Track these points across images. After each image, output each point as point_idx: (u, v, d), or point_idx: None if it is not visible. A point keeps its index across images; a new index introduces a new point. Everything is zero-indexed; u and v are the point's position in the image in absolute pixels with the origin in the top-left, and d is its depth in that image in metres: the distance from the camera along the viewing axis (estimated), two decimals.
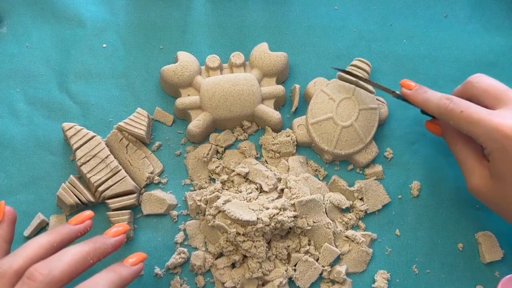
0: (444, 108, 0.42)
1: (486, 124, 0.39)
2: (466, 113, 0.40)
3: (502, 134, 0.38)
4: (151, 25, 0.55)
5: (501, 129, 0.38)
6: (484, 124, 0.39)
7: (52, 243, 0.37)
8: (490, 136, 0.39)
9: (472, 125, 0.40)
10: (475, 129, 0.40)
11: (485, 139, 0.39)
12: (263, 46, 0.52)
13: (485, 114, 0.39)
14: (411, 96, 0.46)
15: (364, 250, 0.47)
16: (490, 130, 0.39)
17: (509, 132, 0.38)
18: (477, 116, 0.40)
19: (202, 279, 0.46)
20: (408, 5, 0.57)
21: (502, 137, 0.38)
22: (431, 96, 0.44)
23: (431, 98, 0.44)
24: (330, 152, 0.49)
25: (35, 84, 0.52)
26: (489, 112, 0.40)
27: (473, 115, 0.40)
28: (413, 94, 0.45)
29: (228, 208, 0.44)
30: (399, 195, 0.50)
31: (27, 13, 0.54)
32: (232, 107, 0.49)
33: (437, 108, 0.43)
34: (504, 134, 0.38)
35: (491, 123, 0.39)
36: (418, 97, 0.45)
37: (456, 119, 0.41)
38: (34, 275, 0.34)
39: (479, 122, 0.39)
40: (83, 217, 0.40)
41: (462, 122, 0.41)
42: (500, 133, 0.38)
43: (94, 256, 0.37)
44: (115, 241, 0.39)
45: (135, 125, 0.49)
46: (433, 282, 0.48)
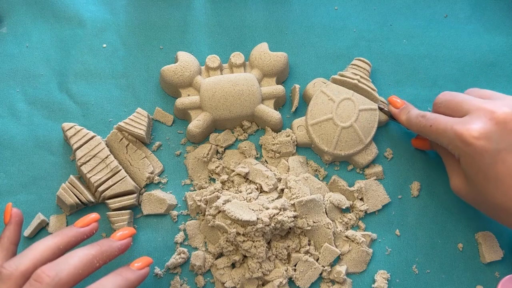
0: (419, 125, 0.45)
1: (449, 133, 0.41)
2: (434, 126, 0.43)
3: (463, 140, 0.40)
4: (151, 25, 0.55)
5: (461, 136, 0.40)
6: (448, 133, 0.41)
7: (59, 246, 0.37)
8: (454, 143, 0.41)
9: (440, 135, 0.42)
10: (442, 139, 0.42)
11: (452, 147, 0.42)
12: (263, 46, 0.52)
13: (449, 123, 0.42)
14: (397, 115, 0.49)
15: (364, 250, 0.47)
16: (453, 138, 0.41)
17: (468, 138, 0.40)
18: (442, 127, 0.42)
19: (202, 279, 0.46)
20: (408, 5, 0.57)
21: (462, 143, 0.40)
22: (411, 115, 0.47)
23: (411, 117, 0.47)
24: (330, 153, 0.49)
25: (35, 84, 0.52)
26: (453, 121, 0.42)
27: (439, 127, 0.42)
28: (399, 113, 0.49)
29: (228, 208, 0.44)
30: (399, 195, 0.50)
31: (27, 13, 0.54)
32: (232, 107, 0.49)
33: (415, 126, 0.46)
34: (464, 141, 0.40)
35: (453, 131, 0.41)
36: (402, 117, 0.48)
37: (428, 133, 0.44)
38: (41, 277, 0.34)
39: (444, 132, 0.42)
40: (89, 219, 0.40)
41: (433, 135, 0.43)
42: (461, 139, 0.40)
43: (101, 259, 0.37)
44: (121, 244, 0.39)
45: (135, 125, 0.49)
46: (433, 282, 0.48)
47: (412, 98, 0.53)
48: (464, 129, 0.40)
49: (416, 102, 0.53)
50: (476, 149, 0.40)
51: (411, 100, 0.53)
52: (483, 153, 0.39)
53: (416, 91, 0.54)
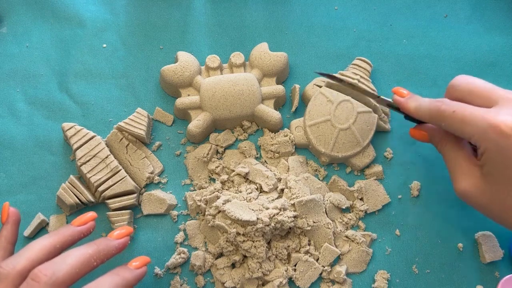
0: (436, 110, 0.41)
1: (480, 123, 0.37)
2: (459, 113, 0.39)
3: (497, 131, 0.36)
4: (151, 25, 0.55)
5: (496, 127, 0.36)
6: (478, 122, 0.38)
7: (55, 245, 0.37)
8: (484, 134, 0.37)
9: (465, 124, 0.38)
10: (468, 128, 0.38)
11: (479, 138, 0.38)
12: (263, 46, 0.52)
13: (479, 112, 0.38)
14: (404, 104, 0.45)
15: (364, 250, 0.47)
16: (484, 128, 0.37)
17: (505, 129, 0.36)
18: (470, 115, 0.38)
19: (202, 279, 0.46)
20: (408, 5, 0.57)
21: (497, 135, 0.36)
22: (422, 102, 0.43)
23: (423, 104, 0.43)
24: (327, 154, 0.49)
25: (35, 84, 0.52)
26: (482, 110, 0.38)
27: (466, 114, 0.38)
28: (406, 102, 0.44)
29: (228, 208, 0.44)
30: (399, 195, 0.50)
31: (27, 13, 0.54)
32: (232, 107, 0.49)
33: (428, 112, 0.42)
34: (499, 132, 0.36)
35: (485, 121, 0.37)
36: (411, 104, 0.44)
37: (449, 120, 0.40)
38: (39, 277, 0.34)
39: (472, 120, 0.38)
40: (86, 218, 0.40)
41: (455, 122, 0.39)
42: (495, 130, 0.36)
43: (98, 259, 0.37)
44: (119, 243, 0.39)
45: (135, 125, 0.49)
46: (433, 282, 0.48)
47: None
48: (500, 120, 0.36)
49: None
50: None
51: None
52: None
53: (416, 91, 0.53)
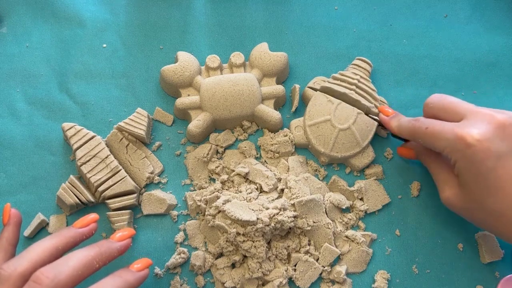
0: (412, 128, 0.44)
1: (448, 136, 0.40)
2: (430, 129, 0.42)
3: (464, 143, 0.39)
4: (151, 25, 0.55)
5: (463, 138, 0.39)
6: (446, 136, 0.40)
7: (57, 246, 0.37)
8: (453, 146, 0.40)
9: (436, 139, 0.41)
10: (439, 142, 0.41)
11: (449, 151, 0.41)
12: (263, 46, 0.52)
13: (447, 127, 0.41)
14: (387, 123, 0.48)
15: (364, 250, 0.47)
16: (452, 141, 0.40)
17: (470, 141, 0.39)
18: (441, 130, 0.41)
19: (202, 279, 0.46)
20: (408, 5, 0.57)
21: (463, 146, 0.39)
22: (402, 121, 0.46)
23: (403, 123, 0.46)
24: (327, 154, 0.49)
25: (35, 84, 0.52)
26: (451, 125, 0.41)
27: (436, 129, 0.41)
28: (389, 121, 0.47)
29: (228, 208, 0.44)
30: (399, 195, 0.50)
31: (27, 13, 0.54)
32: (232, 107, 0.49)
33: (407, 130, 0.45)
34: (466, 143, 0.39)
35: (453, 134, 0.40)
36: (393, 124, 0.47)
37: (423, 136, 0.43)
38: (41, 279, 0.34)
39: (442, 135, 0.41)
40: (88, 220, 0.40)
41: (428, 138, 0.42)
42: (462, 142, 0.39)
43: (100, 261, 0.37)
44: (121, 245, 0.39)
45: (135, 125, 0.49)
46: (433, 282, 0.48)
47: (412, 98, 0.53)
48: (465, 131, 0.39)
49: (416, 102, 0.53)
50: (477, 152, 0.39)
51: (411, 100, 0.53)
52: (484, 156, 0.39)
53: (416, 91, 0.54)
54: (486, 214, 0.41)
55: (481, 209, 0.41)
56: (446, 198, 0.44)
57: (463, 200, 0.42)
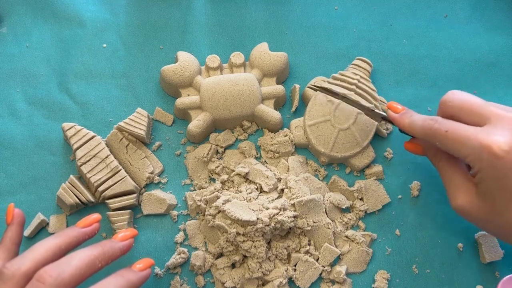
0: (429, 128, 0.41)
1: (473, 143, 0.37)
2: (452, 132, 0.39)
3: (490, 152, 0.36)
4: (151, 25, 0.55)
5: (489, 148, 0.36)
6: (471, 143, 0.37)
7: (60, 246, 0.37)
8: (478, 155, 0.37)
9: (458, 144, 0.38)
10: (462, 149, 0.38)
11: (472, 159, 0.38)
12: (263, 46, 0.52)
13: (471, 132, 0.38)
14: (398, 119, 0.45)
15: (364, 250, 0.47)
16: (477, 149, 0.37)
17: (497, 151, 0.36)
18: (463, 135, 0.38)
19: (202, 279, 0.46)
20: (408, 5, 0.57)
21: (490, 156, 0.36)
22: (416, 119, 0.43)
23: (416, 121, 0.43)
24: (326, 154, 0.49)
25: (35, 84, 0.52)
26: (475, 130, 0.38)
27: (459, 134, 0.38)
28: (400, 118, 0.44)
29: (228, 208, 0.44)
30: (399, 195, 0.50)
31: (27, 13, 0.54)
32: (232, 107, 0.49)
33: (422, 130, 0.42)
34: (493, 153, 0.36)
35: (478, 141, 0.37)
36: (405, 121, 0.44)
37: (442, 139, 0.40)
38: (44, 278, 0.34)
39: (465, 141, 0.38)
40: (90, 220, 0.40)
41: (448, 142, 0.39)
42: (488, 151, 0.36)
43: (103, 260, 0.37)
44: (123, 245, 0.39)
45: (135, 125, 0.49)
46: (433, 282, 0.48)
47: (412, 98, 0.53)
48: (492, 140, 0.36)
49: (416, 102, 0.53)
50: (506, 163, 0.36)
51: (411, 100, 0.53)
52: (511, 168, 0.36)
53: (416, 91, 0.54)
54: (504, 225, 0.39)
55: (499, 220, 0.39)
56: (459, 206, 0.41)
57: (480, 210, 0.39)
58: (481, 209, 0.39)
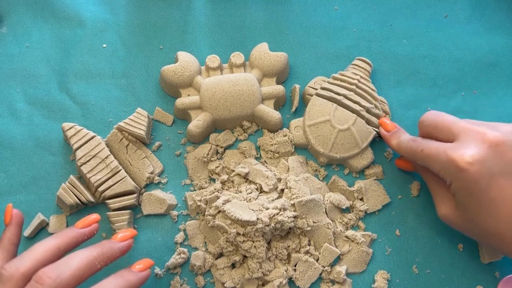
0: (410, 149, 0.44)
1: (442, 158, 0.40)
2: (425, 151, 0.42)
3: (456, 166, 0.39)
4: (151, 25, 0.55)
5: (454, 162, 0.39)
6: (440, 159, 0.40)
7: (59, 247, 0.37)
8: (447, 169, 0.40)
9: (431, 161, 0.42)
10: (434, 164, 0.41)
11: (444, 173, 0.41)
12: (263, 46, 0.52)
13: (441, 149, 0.41)
14: (387, 139, 0.48)
15: (364, 250, 0.47)
16: (446, 164, 0.40)
17: (461, 164, 0.39)
18: (435, 152, 0.41)
19: (202, 279, 0.46)
20: (408, 5, 0.57)
21: (456, 169, 0.39)
22: (402, 140, 0.46)
23: (402, 142, 0.46)
24: (325, 155, 0.49)
25: (35, 84, 0.52)
26: (444, 146, 0.41)
27: (432, 152, 0.42)
28: (390, 138, 0.48)
29: (228, 208, 0.44)
30: (399, 195, 0.50)
31: (27, 13, 0.54)
32: (232, 107, 0.49)
33: (405, 150, 0.45)
34: (458, 166, 0.39)
35: (446, 156, 0.40)
36: (393, 142, 0.47)
37: (419, 157, 0.43)
38: (43, 279, 0.34)
39: (436, 157, 0.41)
40: (89, 220, 0.40)
41: (424, 159, 0.42)
42: (454, 165, 0.39)
43: (102, 261, 0.37)
44: (123, 246, 0.39)
45: (135, 125, 0.49)
46: (433, 282, 0.48)
47: (412, 98, 0.53)
48: (457, 154, 0.39)
49: (416, 102, 0.53)
50: (470, 175, 0.38)
51: (411, 100, 0.53)
52: (477, 179, 0.38)
53: (416, 91, 0.54)
54: (481, 232, 0.41)
55: (476, 227, 0.41)
56: (443, 215, 0.44)
57: (459, 218, 0.42)
58: (459, 218, 0.42)
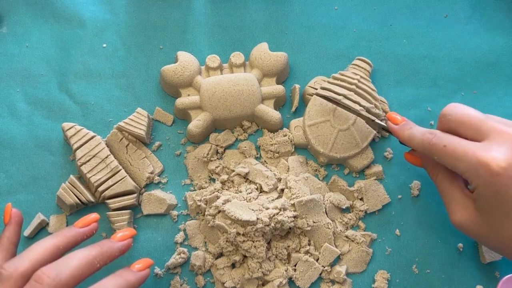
0: (428, 142, 0.41)
1: (471, 159, 0.37)
2: (450, 148, 0.39)
3: (488, 170, 0.36)
4: (151, 25, 0.55)
5: (487, 165, 0.36)
6: (469, 159, 0.37)
7: (58, 246, 0.37)
8: (475, 172, 0.37)
9: (456, 160, 0.38)
10: (459, 164, 0.38)
11: (470, 175, 0.38)
12: (263, 46, 0.52)
13: (469, 148, 0.37)
14: (397, 131, 0.45)
15: (364, 250, 0.47)
16: (475, 166, 0.37)
17: (495, 168, 0.36)
18: (461, 151, 0.38)
19: (202, 279, 0.46)
20: (408, 5, 0.57)
21: (488, 173, 0.36)
22: (415, 131, 0.43)
23: (415, 133, 0.43)
24: (325, 154, 0.49)
25: (35, 84, 0.52)
26: (473, 146, 0.38)
27: (457, 150, 0.38)
28: (399, 129, 0.44)
29: (228, 208, 0.44)
30: (399, 195, 0.50)
31: (27, 13, 0.54)
32: (232, 107, 0.49)
33: (421, 144, 0.42)
34: (490, 170, 0.36)
35: (476, 158, 0.36)
36: (404, 133, 0.44)
37: (440, 154, 0.39)
38: (42, 278, 0.34)
39: (463, 157, 0.37)
40: (88, 220, 0.40)
41: (446, 157, 0.39)
42: (486, 169, 0.36)
43: (101, 260, 0.37)
44: (122, 245, 0.39)
45: (135, 125, 0.49)
46: (433, 282, 0.48)
47: (412, 98, 0.53)
48: (490, 157, 0.36)
49: (416, 102, 0.53)
50: (503, 180, 0.35)
51: (411, 100, 0.53)
52: (510, 184, 0.35)
53: (416, 91, 0.54)
54: (503, 241, 0.39)
55: (498, 236, 0.39)
56: (458, 222, 0.41)
57: (479, 225, 0.39)
58: (479, 225, 0.39)
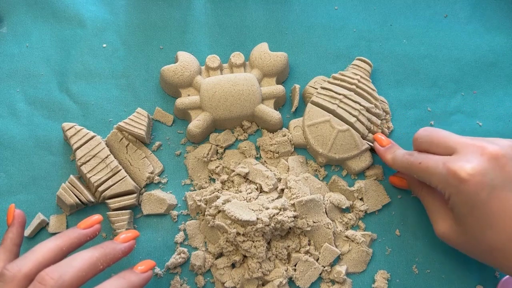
0: (406, 162, 0.44)
1: (441, 171, 0.39)
2: (424, 164, 0.41)
3: (457, 178, 0.38)
4: (151, 25, 0.55)
5: (455, 173, 0.38)
6: (440, 171, 0.40)
7: (61, 247, 0.37)
8: (446, 182, 0.39)
9: (430, 174, 0.41)
10: (433, 178, 0.41)
11: (442, 186, 0.40)
12: (263, 46, 0.52)
13: (440, 161, 0.40)
14: (382, 154, 0.47)
15: (364, 250, 0.47)
16: (445, 176, 0.39)
17: (463, 175, 0.38)
18: (433, 164, 0.40)
19: (202, 279, 0.47)
20: (408, 5, 0.57)
21: (457, 181, 0.38)
22: (397, 154, 0.45)
23: (397, 156, 0.45)
24: (324, 155, 0.49)
25: (35, 84, 0.52)
26: (443, 159, 0.40)
27: (429, 164, 0.41)
28: (384, 153, 0.47)
29: (228, 208, 0.44)
30: (399, 195, 0.50)
31: (27, 13, 0.54)
32: (232, 107, 0.49)
33: (401, 164, 0.44)
34: (459, 178, 0.38)
35: (446, 169, 0.39)
36: (388, 156, 0.46)
37: (417, 171, 0.42)
38: (45, 280, 0.34)
39: (435, 169, 0.40)
40: (91, 221, 0.40)
41: (422, 173, 0.42)
42: (455, 177, 0.38)
43: (104, 262, 0.37)
44: (125, 247, 0.39)
45: (135, 125, 0.49)
46: (433, 282, 0.48)
47: (412, 98, 0.53)
48: (458, 166, 0.38)
49: (416, 102, 0.53)
50: (471, 186, 0.38)
51: (411, 100, 0.53)
52: (478, 190, 0.38)
53: (416, 91, 0.54)
54: (482, 248, 0.40)
55: (476, 243, 0.40)
56: (440, 232, 0.43)
57: (458, 234, 0.41)
58: (458, 233, 0.41)
